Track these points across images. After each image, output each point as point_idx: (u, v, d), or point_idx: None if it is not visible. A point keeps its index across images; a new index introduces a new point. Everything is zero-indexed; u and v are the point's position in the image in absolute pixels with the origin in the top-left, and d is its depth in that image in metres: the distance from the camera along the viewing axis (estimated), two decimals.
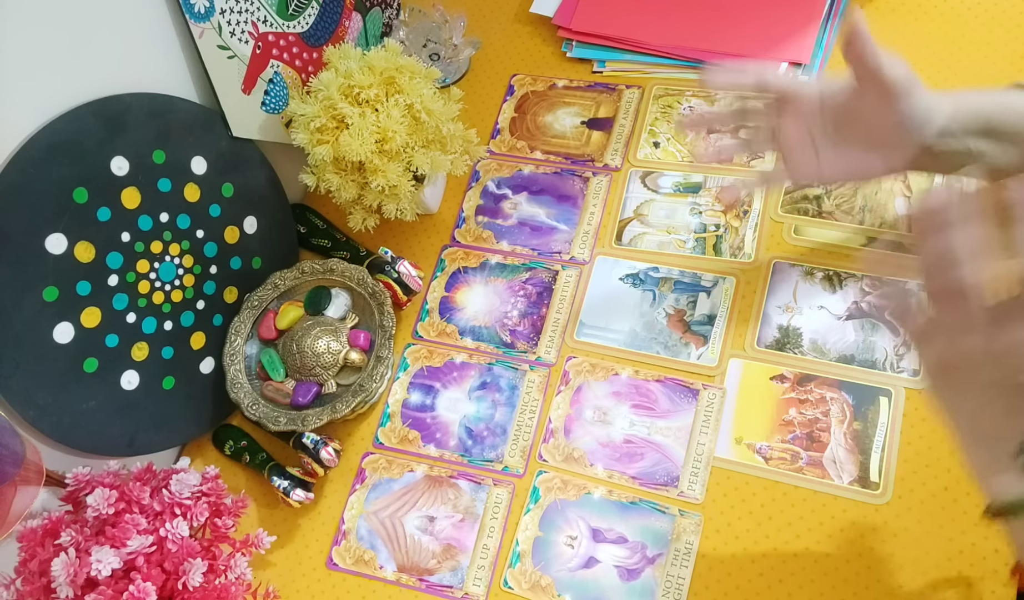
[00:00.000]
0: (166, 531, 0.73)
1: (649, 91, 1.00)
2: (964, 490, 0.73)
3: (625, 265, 0.91)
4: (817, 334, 0.82)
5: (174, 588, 0.72)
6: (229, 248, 0.92)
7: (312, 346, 0.87)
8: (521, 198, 0.98)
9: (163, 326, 0.86)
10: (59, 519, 0.73)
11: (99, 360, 0.80)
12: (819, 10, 0.96)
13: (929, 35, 0.94)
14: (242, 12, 0.88)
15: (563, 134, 1.01)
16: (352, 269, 0.91)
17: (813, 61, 0.95)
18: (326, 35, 0.99)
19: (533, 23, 1.09)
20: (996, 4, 0.94)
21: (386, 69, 0.87)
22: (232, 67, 0.89)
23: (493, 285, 0.94)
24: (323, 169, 0.88)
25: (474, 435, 0.86)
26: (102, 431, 0.81)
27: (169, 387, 0.87)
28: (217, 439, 0.92)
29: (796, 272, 0.86)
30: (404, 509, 0.84)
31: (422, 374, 0.91)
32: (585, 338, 0.88)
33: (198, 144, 0.88)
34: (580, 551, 0.78)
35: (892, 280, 0.65)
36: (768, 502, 0.77)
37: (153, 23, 0.83)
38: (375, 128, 0.86)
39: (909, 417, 0.77)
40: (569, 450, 0.83)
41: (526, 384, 0.87)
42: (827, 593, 0.72)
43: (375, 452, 0.88)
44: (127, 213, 0.82)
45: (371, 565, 0.82)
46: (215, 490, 0.79)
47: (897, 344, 0.80)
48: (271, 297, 0.92)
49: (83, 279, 0.79)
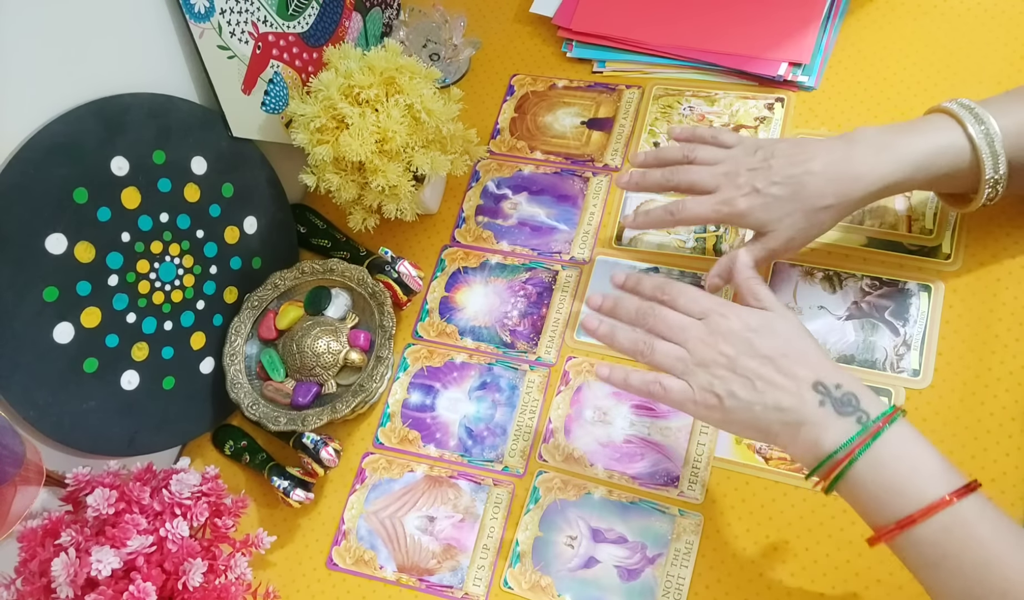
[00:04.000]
0: (166, 531, 0.73)
1: (649, 91, 1.00)
2: None
3: (625, 265, 0.91)
4: (817, 334, 0.82)
5: (174, 588, 0.72)
6: (229, 248, 0.92)
7: (312, 346, 0.87)
8: (521, 198, 0.98)
9: (163, 326, 0.86)
10: (59, 519, 0.73)
11: (99, 360, 0.80)
12: (819, 10, 0.96)
13: (929, 35, 0.94)
14: (242, 12, 0.88)
15: (563, 134, 1.01)
16: (352, 269, 0.91)
17: (813, 61, 0.95)
18: (326, 35, 0.99)
19: (533, 23, 1.09)
20: (996, 4, 0.94)
21: (386, 69, 0.87)
22: (232, 67, 0.89)
23: (493, 285, 0.94)
24: (323, 169, 0.88)
25: (474, 435, 0.86)
26: (102, 431, 0.81)
27: (169, 387, 0.87)
28: (217, 439, 0.92)
29: (796, 272, 0.86)
30: (404, 509, 0.84)
31: (422, 374, 0.91)
32: (585, 338, 0.88)
33: (198, 144, 0.88)
34: (580, 551, 0.78)
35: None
36: (768, 502, 0.77)
37: (153, 23, 0.83)
38: (375, 128, 0.86)
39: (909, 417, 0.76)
40: (569, 450, 0.83)
41: (526, 384, 0.87)
42: (827, 594, 0.72)
43: (375, 452, 0.88)
44: (127, 213, 0.82)
45: (371, 565, 0.82)
46: (215, 490, 0.79)
47: (897, 344, 0.80)
48: (271, 297, 0.92)
49: (83, 279, 0.79)
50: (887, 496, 0.59)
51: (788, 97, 0.95)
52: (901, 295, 0.82)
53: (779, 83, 0.96)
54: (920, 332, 0.80)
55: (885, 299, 0.82)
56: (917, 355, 0.79)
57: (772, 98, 0.95)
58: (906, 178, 0.72)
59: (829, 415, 0.61)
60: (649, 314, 0.70)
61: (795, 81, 0.95)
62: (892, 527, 0.59)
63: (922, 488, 0.58)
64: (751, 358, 0.64)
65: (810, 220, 0.74)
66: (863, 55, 0.95)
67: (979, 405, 0.76)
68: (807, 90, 0.95)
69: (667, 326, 0.69)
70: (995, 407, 0.75)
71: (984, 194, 0.72)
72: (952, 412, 0.76)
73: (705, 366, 0.66)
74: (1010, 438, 0.74)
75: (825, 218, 0.74)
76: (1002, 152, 0.70)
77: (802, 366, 0.63)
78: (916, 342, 0.79)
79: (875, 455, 0.60)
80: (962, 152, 0.71)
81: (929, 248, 0.83)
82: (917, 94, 0.91)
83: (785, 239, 0.74)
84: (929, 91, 0.91)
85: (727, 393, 0.64)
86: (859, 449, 0.60)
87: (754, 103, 0.96)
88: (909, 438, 0.61)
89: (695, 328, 0.67)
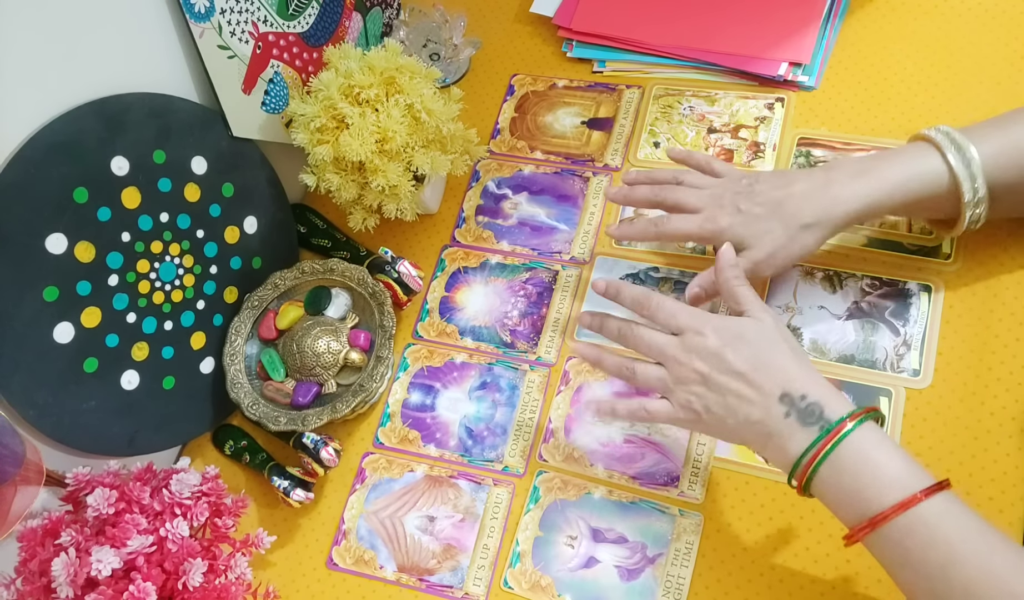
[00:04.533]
0: (166, 531, 0.73)
1: (649, 91, 1.00)
2: (964, 490, 0.73)
3: (625, 265, 0.91)
4: (817, 334, 0.82)
5: (174, 588, 0.72)
6: (229, 248, 0.92)
7: (312, 346, 0.87)
8: (521, 198, 0.98)
9: (163, 326, 0.86)
10: (59, 519, 0.73)
11: (99, 360, 0.80)
12: (819, 10, 0.96)
13: (929, 35, 0.94)
14: (242, 12, 0.88)
15: (563, 134, 1.01)
16: (352, 269, 0.91)
17: (813, 61, 0.95)
18: (326, 35, 0.99)
19: (533, 23, 1.09)
20: (996, 4, 0.94)
21: (386, 69, 0.87)
22: (232, 67, 0.89)
23: (493, 285, 0.94)
24: (323, 169, 0.88)
25: (474, 435, 0.86)
26: (102, 431, 0.81)
27: (169, 387, 0.87)
28: (217, 439, 0.92)
29: (796, 272, 0.86)
30: (404, 509, 0.84)
31: (422, 374, 0.91)
32: (585, 338, 0.88)
33: (198, 144, 0.88)
34: (580, 551, 0.78)
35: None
36: (768, 502, 0.77)
37: (153, 23, 0.83)
38: (375, 128, 0.86)
39: (909, 417, 0.77)
40: (569, 450, 0.83)
41: (526, 384, 0.87)
42: (827, 594, 0.72)
43: (375, 452, 0.88)
44: (127, 213, 0.82)
45: (371, 565, 0.82)
46: (215, 490, 0.79)
47: (897, 344, 0.80)
48: (271, 297, 0.92)
49: (83, 279, 0.79)
50: (851, 499, 0.62)
51: (788, 97, 0.95)
52: (901, 295, 0.82)
53: (779, 83, 0.96)
54: (920, 332, 0.80)
55: (885, 299, 0.82)
56: (917, 355, 0.79)
57: (772, 98, 0.95)
58: (884, 198, 0.74)
59: (793, 426, 0.64)
60: (629, 336, 0.73)
61: (795, 81, 0.95)
62: (860, 528, 0.61)
63: (884, 490, 0.60)
64: (723, 374, 0.67)
65: (791, 236, 0.75)
66: (863, 55, 0.95)
67: (979, 405, 0.76)
68: (807, 90, 0.95)
69: (646, 347, 0.72)
70: (995, 407, 0.75)
71: (967, 216, 0.74)
72: (952, 412, 0.76)
73: (683, 383, 0.69)
74: (1010, 438, 0.74)
75: (808, 238, 0.76)
76: (980, 175, 0.72)
77: (771, 378, 0.66)
78: (916, 342, 0.80)
79: (837, 460, 0.62)
80: (940, 176, 0.73)
81: (929, 248, 0.83)
82: (917, 94, 0.91)
83: (766, 253, 0.76)
84: (929, 91, 0.91)
85: (704, 408, 0.68)
86: (820, 455, 0.62)
87: (754, 103, 0.96)
88: (872, 442, 0.62)
89: (672, 347, 0.70)
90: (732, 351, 0.67)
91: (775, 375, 0.66)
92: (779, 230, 0.76)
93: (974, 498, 0.72)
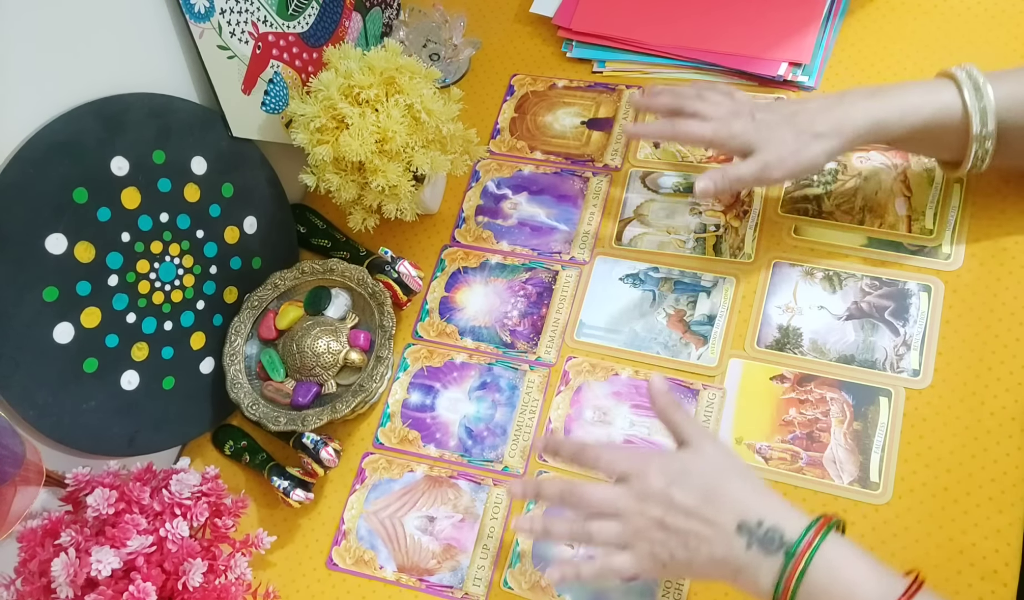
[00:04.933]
0: (166, 531, 0.73)
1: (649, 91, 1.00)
2: (964, 490, 0.73)
3: (625, 265, 0.91)
4: (817, 334, 0.82)
5: (174, 588, 0.72)
6: (229, 248, 0.92)
7: (312, 346, 0.87)
8: (521, 198, 0.98)
9: (163, 326, 0.86)
10: (59, 519, 0.73)
11: (99, 360, 0.80)
12: (819, 10, 0.96)
13: (929, 35, 0.94)
14: (242, 12, 0.88)
15: (563, 134, 1.01)
16: (352, 269, 0.91)
17: (813, 61, 0.95)
18: (326, 35, 0.99)
19: (533, 23, 1.09)
20: (996, 4, 0.94)
21: (386, 69, 0.87)
22: (232, 67, 0.89)
23: (493, 285, 0.94)
24: (323, 169, 0.88)
25: (474, 435, 0.86)
26: (102, 431, 0.81)
27: (169, 387, 0.87)
28: (217, 439, 0.92)
29: (796, 272, 0.86)
30: (404, 509, 0.84)
31: (422, 374, 0.91)
32: (585, 338, 0.88)
33: (198, 144, 0.88)
34: (580, 551, 0.78)
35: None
36: None
37: (153, 23, 0.83)
38: (375, 128, 0.86)
39: (909, 417, 0.77)
40: None
41: (526, 384, 0.87)
42: None
43: (375, 452, 0.88)
44: (127, 213, 0.82)
45: (371, 565, 0.82)
46: (215, 490, 0.79)
47: (897, 344, 0.80)
48: (271, 297, 0.92)
49: (83, 279, 0.79)
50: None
51: (788, 97, 0.95)
52: (901, 295, 0.82)
53: (779, 83, 0.96)
54: (920, 332, 0.80)
55: (885, 299, 0.82)
56: (917, 355, 0.79)
57: (772, 98, 0.95)
58: (895, 121, 0.76)
59: (758, 557, 0.62)
60: (573, 496, 0.69)
61: (795, 81, 0.95)
62: None
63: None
64: (676, 515, 0.65)
65: (803, 143, 0.77)
66: (863, 55, 0.95)
67: (979, 405, 0.76)
68: (807, 90, 0.95)
69: (596, 503, 0.68)
70: (995, 407, 0.75)
71: (972, 150, 0.75)
72: (952, 412, 0.76)
73: (640, 534, 0.66)
74: (1010, 438, 0.74)
75: (817, 148, 0.77)
76: (991, 113, 0.73)
77: (723, 509, 0.64)
78: (916, 342, 0.80)
79: (809, 585, 0.60)
80: (952, 109, 0.75)
81: (929, 248, 0.83)
82: None
83: (776, 155, 0.78)
84: None
85: (669, 555, 0.65)
86: (792, 585, 0.60)
87: None
88: (838, 558, 0.61)
89: (621, 498, 0.67)
90: (679, 488, 0.65)
91: (727, 504, 0.64)
92: (790, 136, 0.77)
93: (974, 498, 0.72)
